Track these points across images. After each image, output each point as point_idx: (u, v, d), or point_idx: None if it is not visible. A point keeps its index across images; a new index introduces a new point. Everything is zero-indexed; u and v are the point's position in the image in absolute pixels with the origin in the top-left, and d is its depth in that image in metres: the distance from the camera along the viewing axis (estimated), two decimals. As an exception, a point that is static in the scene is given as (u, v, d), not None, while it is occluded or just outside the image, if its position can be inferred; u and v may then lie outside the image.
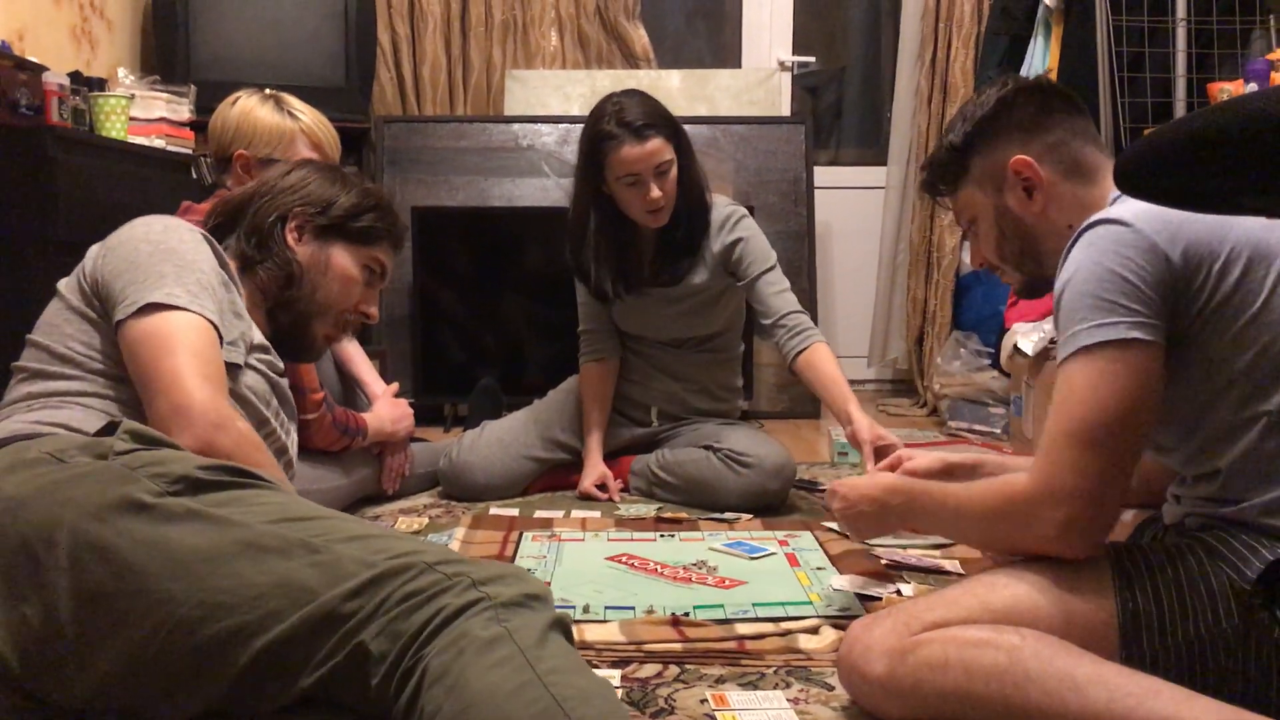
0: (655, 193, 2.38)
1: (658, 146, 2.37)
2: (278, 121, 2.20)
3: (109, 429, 1.26)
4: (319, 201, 1.64)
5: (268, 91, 2.25)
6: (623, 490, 2.59)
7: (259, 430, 1.49)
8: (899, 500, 1.49)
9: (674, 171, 2.41)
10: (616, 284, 2.55)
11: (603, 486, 2.54)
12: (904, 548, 2.04)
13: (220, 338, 1.43)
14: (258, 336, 1.56)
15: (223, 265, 1.52)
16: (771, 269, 2.52)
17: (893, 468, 1.91)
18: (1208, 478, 1.29)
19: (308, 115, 2.24)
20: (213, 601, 1.05)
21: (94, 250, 1.49)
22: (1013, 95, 1.46)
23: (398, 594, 1.04)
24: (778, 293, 2.49)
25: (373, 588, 1.04)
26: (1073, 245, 1.31)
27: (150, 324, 1.37)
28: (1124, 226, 1.27)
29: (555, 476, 2.65)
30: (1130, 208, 1.27)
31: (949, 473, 1.82)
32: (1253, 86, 2.65)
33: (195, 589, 1.06)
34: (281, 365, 1.61)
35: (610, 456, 2.64)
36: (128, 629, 1.06)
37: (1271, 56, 2.71)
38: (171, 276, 1.41)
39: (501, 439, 2.59)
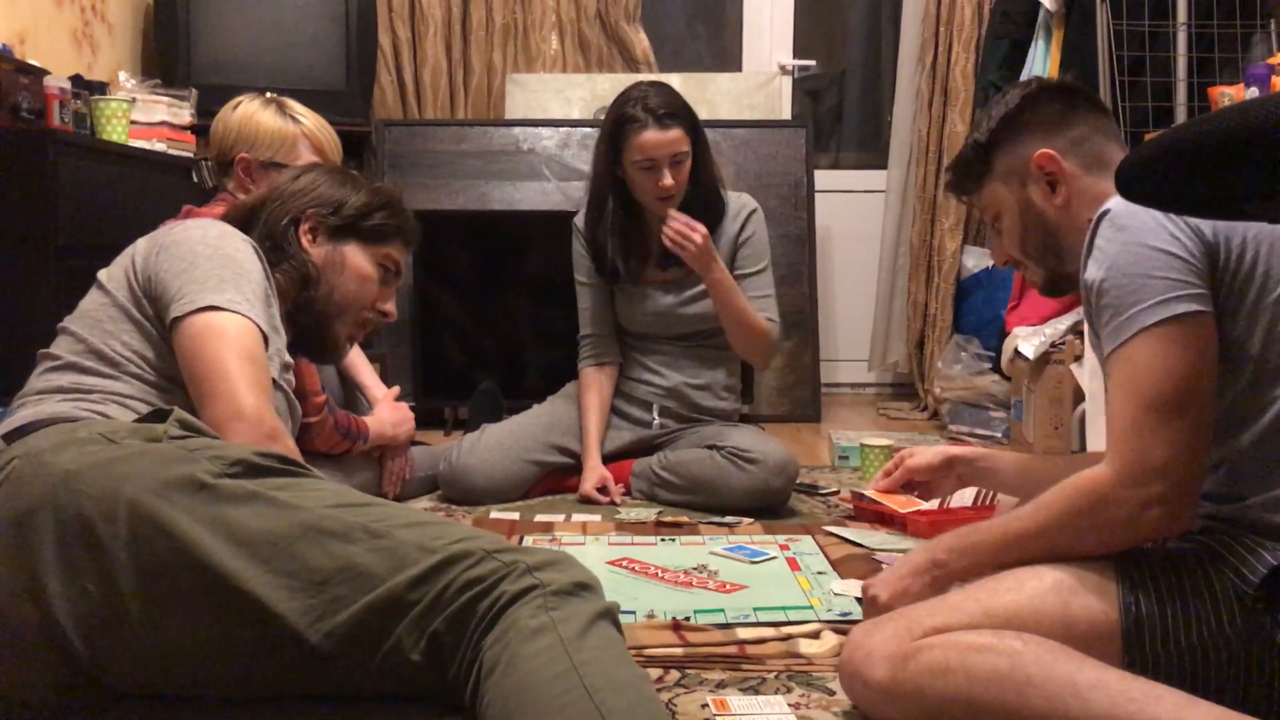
0: (668, 180, 2.47)
1: (677, 136, 2.46)
2: (280, 125, 2.20)
3: (157, 416, 1.27)
4: (330, 202, 1.66)
5: (269, 95, 2.26)
6: (624, 494, 2.59)
7: None
8: (950, 553, 1.42)
9: (688, 164, 2.51)
10: (625, 265, 2.60)
11: (603, 490, 2.54)
12: (904, 551, 2.03)
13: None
14: (287, 355, 1.58)
15: (268, 278, 1.53)
16: (759, 272, 2.62)
17: (895, 466, 1.92)
18: (1211, 469, 1.28)
19: (309, 119, 2.24)
20: (277, 583, 1.06)
21: (143, 246, 1.49)
22: (1037, 93, 1.49)
23: (459, 581, 1.05)
24: (759, 297, 2.60)
25: (435, 575, 1.06)
26: (1095, 232, 1.31)
27: (208, 323, 1.38)
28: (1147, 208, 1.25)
29: (556, 480, 2.65)
30: None
31: (950, 465, 1.83)
32: (1254, 90, 2.65)
33: (259, 570, 1.06)
34: (294, 380, 1.62)
35: (610, 460, 2.63)
36: (190, 606, 1.07)
37: (1272, 60, 2.71)
38: (230, 282, 1.42)
39: (501, 442, 2.59)
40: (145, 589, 1.08)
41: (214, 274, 1.42)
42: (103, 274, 1.50)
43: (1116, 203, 1.30)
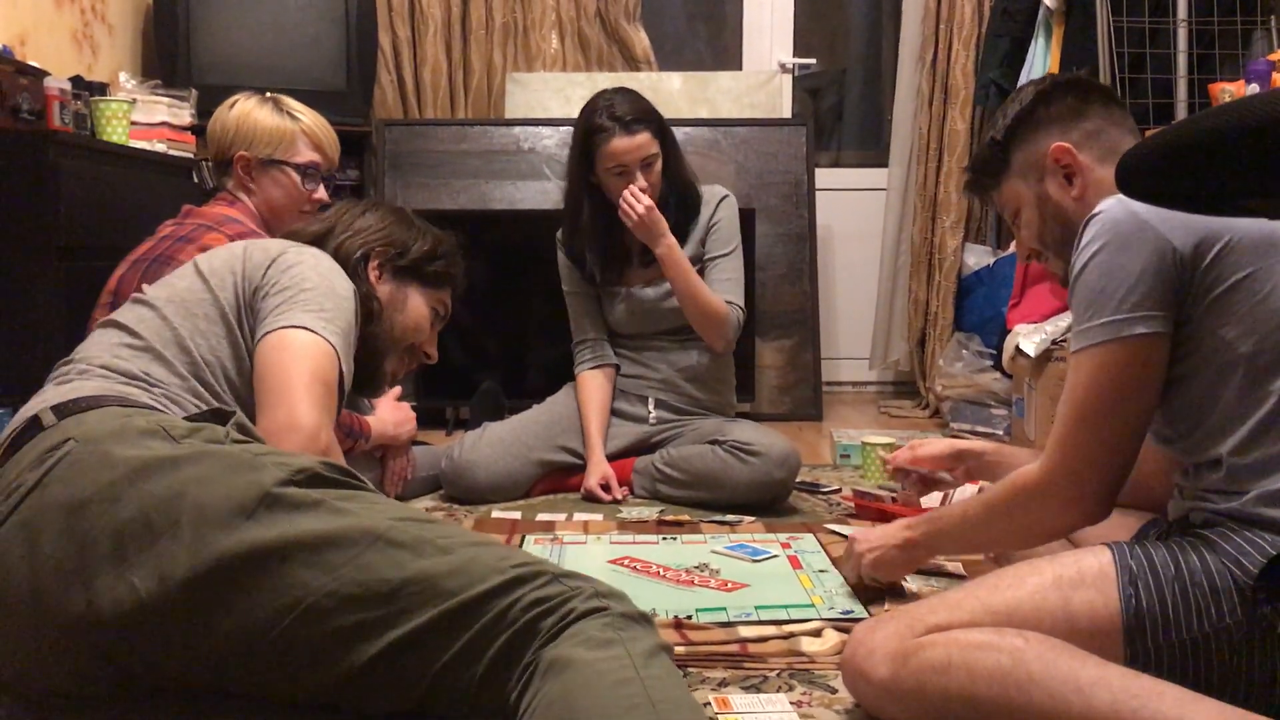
0: (641, 183, 2.51)
1: (645, 140, 2.52)
2: (278, 122, 2.20)
3: (215, 416, 1.27)
4: (399, 244, 1.72)
5: (266, 94, 2.26)
6: (627, 493, 2.60)
7: None
8: (919, 531, 1.60)
9: (659, 165, 2.55)
10: (606, 269, 2.66)
11: (606, 487, 2.54)
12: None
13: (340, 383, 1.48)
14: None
15: (355, 323, 1.56)
16: (725, 255, 2.65)
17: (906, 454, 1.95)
18: (1210, 466, 1.30)
19: (307, 116, 2.24)
20: (345, 593, 1.06)
21: (256, 254, 1.51)
22: (1051, 88, 1.52)
23: (526, 599, 1.05)
24: (722, 280, 2.62)
25: (503, 592, 1.06)
26: (1083, 231, 1.36)
27: (292, 338, 1.41)
28: (1130, 214, 1.30)
29: (557, 479, 2.66)
30: None
31: (959, 458, 1.86)
32: (1254, 87, 2.65)
33: (327, 578, 1.06)
34: None
35: (611, 459, 2.63)
36: (248, 608, 1.06)
37: (1273, 57, 2.71)
38: (328, 314, 1.46)
39: (503, 439, 2.60)
40: (197, 589, 1.06)
41: (316, 302, 1.46)
42: (203, 262, 1.51)
43: (1107, 205, 1.34)
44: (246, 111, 2.21)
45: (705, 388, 2.70)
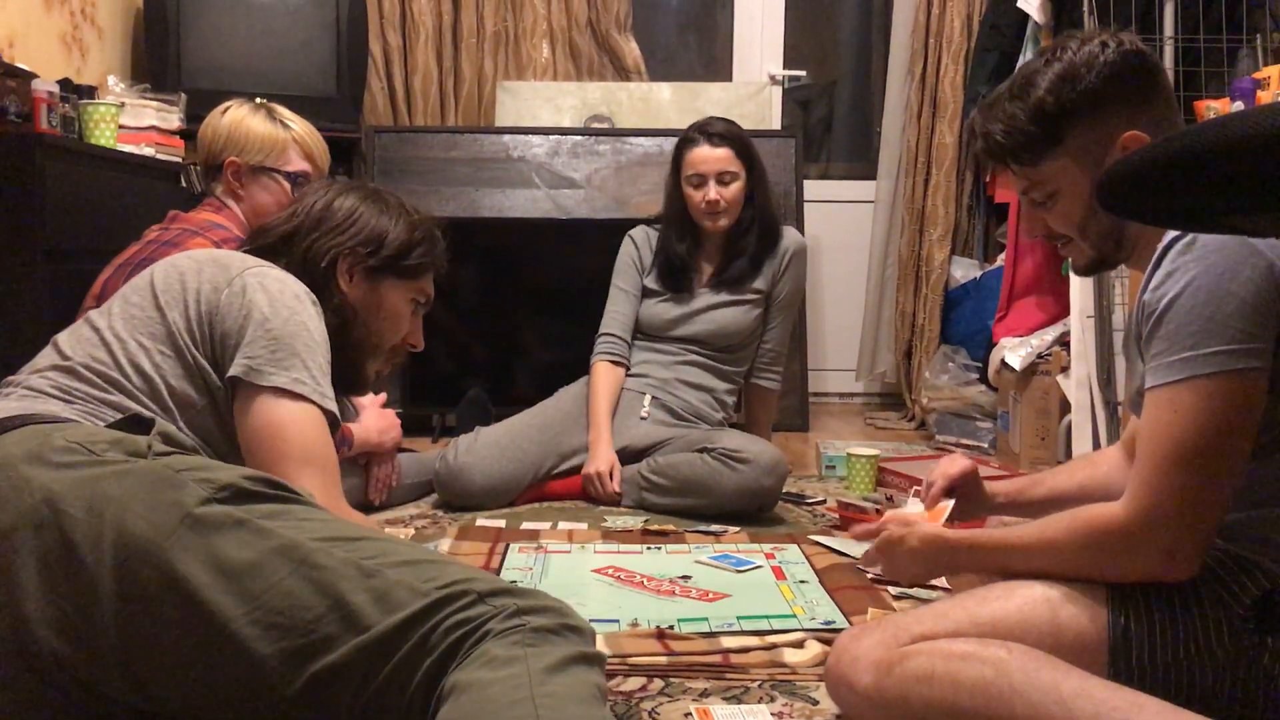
0: (712, 194, 2.70)
1: (725, 155, 2.71)
2: (270, 130, 2.20)
3: (136, 424, 1.24)
4: (371, 240, 1.61)
5: (258, 101, 2.26)
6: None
7: None
8: (961, 536, 1.43)
9: (737, 185, 2.73)
10: (682, 274, 2.81)
11: (608, 478, 2.58)
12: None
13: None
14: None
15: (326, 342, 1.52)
16: (784, 321, 2.88)
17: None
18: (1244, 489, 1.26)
19: (299, 124, 2.24)
20: (267, 621, 1.04)
21: (208, 277, 1.44)
22: (1121, 61, 1.32)
23: (448, 623, 1.04)
24: (769, 349, 2.89)
25: (425, 617, 1.04)
26: (1167, 252, 1.23)
27: (271, 417, 1.38)
28: (1241, 238, 1.18)
29: (542, 489, 2.65)
30: None
31: (962, 480, 1.78)
32: (1239, 105, 2.66)
33: (248, 604, 1.05)
34: None
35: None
36: (175, 636, 1.05)
37: (1258, 75, 2.73)
38: (300, 355, 1.42)
39: (498, 441, 2.60)
40: (125, 617, 1.05)
41: (286, 344, 1.41)
42: (159, 277, 1.45)
43: None
44: (239, 118, 2.21)
45: (705, 401, 2.77)
